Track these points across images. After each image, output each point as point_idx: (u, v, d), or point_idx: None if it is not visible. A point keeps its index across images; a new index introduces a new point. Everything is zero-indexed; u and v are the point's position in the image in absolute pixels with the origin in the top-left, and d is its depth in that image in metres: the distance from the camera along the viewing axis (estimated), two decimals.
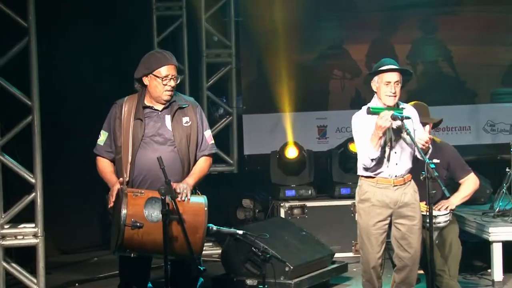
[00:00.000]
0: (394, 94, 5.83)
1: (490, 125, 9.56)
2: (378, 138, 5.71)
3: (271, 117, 9.20)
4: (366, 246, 5.94)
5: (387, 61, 5.97)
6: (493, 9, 9.04)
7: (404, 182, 5.91)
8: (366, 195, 5.93)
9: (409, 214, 5.89)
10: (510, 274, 7.56)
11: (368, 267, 5.95)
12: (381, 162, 5.84)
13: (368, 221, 5.91)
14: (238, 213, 9.29)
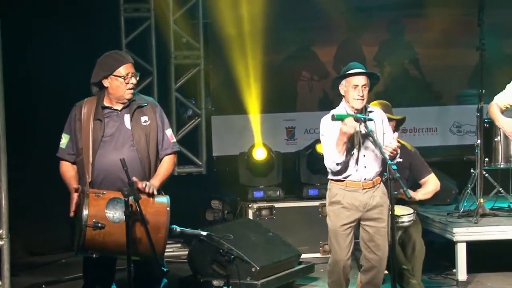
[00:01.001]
0: (362, 97, 5.89)
1: (456, 126, 9.66)
2: (343, 143, 5.77)
3: (239, 119, 9.22)
4: (334, 248, 6.00)
5: (354, 65, 6.03)
6: (459, 11, 9.11)
7: (373, 185, 5.97)
8: (336, 198, 5.99)
9: (377, 217, 5.96)
10: (474, 274, 7.65)
11: (337, 268, 6.01)
12: (350, 165, 5.91)
13: (336, 223, 5.98)
14: (207, 214, 9.31)
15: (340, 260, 5.95)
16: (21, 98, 8.17)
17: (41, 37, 8.60)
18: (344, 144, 5.76)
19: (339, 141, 5.76)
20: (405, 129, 9.65)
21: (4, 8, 6.73)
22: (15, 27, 7.46)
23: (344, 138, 5.74)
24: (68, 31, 8.88)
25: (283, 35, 9.47)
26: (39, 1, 8.55)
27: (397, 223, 6.76)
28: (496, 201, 8.08)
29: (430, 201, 8.26)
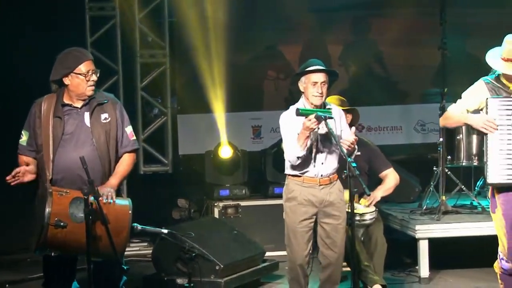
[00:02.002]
0: (321, 94, 5.94)
1: (420, 125, 9.75)
2: (305, 137, 5.81)
3: (205, 117, 9.23)
4: (292, 244, 6.04)
5: (314, 62, 6.08)
6: (422, 11, 9.20)
7: (330, 181, 6.02)
8: (292, 194, 6.03)
9: (334, 213, 6.00)
10: (436, 270, 7.76)
11: (295, 264, 6.04)
12: (307, 161, 5.95)
13: (294, 219, 6.01)
14: (174, 213, 9.32)
15: (298, 257, 5.99)
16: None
17: (5, 36, 8.56)
18: (306, 138, 5.79)
19: (301, 135, 5.80)
20: (370, 127, 9.77)
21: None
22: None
23: (306, 132, 5.78)
24: (33, 31, 8.85)
25: (249, 35, 9.51)
26: (4, 1, 8.51)
27: (359, 221, 6.84)
28: (459, 199, 8.20)
29: (393, 198, 8.38)
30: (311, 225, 6.04)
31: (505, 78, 5.70)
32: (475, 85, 5.79)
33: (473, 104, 5.74)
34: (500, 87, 5.68)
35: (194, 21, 9.05)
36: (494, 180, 5.63)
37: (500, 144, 5.58)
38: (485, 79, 5.76)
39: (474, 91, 5.76)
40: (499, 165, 5.58)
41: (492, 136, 5.59)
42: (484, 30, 9.54)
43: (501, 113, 5.57)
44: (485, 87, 5.71)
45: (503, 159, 5.57)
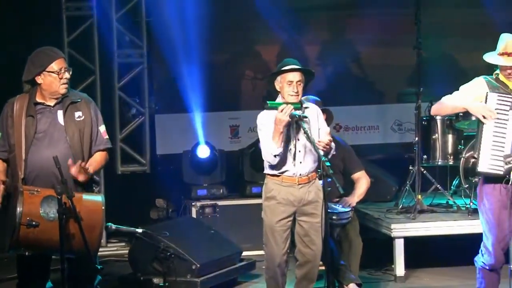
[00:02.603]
0: (297, 93, 5.97)
1: (397, 124, 9.80)
2: (279, 133, 5.82)
3: (183, 117, 9.23)
4: (270, 243, 6.07)
5: (289, 61, 6.11)
6: (399, 11, 9.24)
7: (309, 180, 6.05)
8: (271, 193, 6.05)
9: (312, 212, 6.03)
10: (412, 269, 7.81)
11: (273, 263, 6.07)
12: (286, 161, 5.98)
13: (272, 218, 6.04)
14: (152, 213, 9.33)
15: (276, 256, 6.01)
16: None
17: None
18: (280, 134, 5.81)
19: (275, 132, 5.82)
20: (348, 127, 9.82)
21: None
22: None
23: (280, 127, 5.79)
24: (10, 30, 8.83)
25: (226, 34, 9.52)
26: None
27: (335, 220, 6.89)
28: (435, 198, 8.25)
29: (370, 197, 8.44)
30: (289, 224, 6.07)
31: (504, 77, 5.81)
32: (474, 80, 5.93)
33: (469, 96, 5.88)
34: (500, 86, 5.82)
35: (171, 20, 9.05)
36: (483, 169, 5.76)
37: (494, 136, 5.74)
38: (484, 77, 5.90)
39: (473, 85, 5.92)
40: (490, 155, 5.73)
41: (488, 128, 5.76)
42: (459, 30, 9.62)
43: (499, 107, 5.74)
44: (484, 83, 5.86)
45: (494, 150, 5.73)
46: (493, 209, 5.72)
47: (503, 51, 5.78)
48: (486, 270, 5.80)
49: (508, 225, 5.69)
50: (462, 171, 8.07)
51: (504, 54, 5.76)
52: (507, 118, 5.73)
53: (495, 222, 5.71)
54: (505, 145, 5.70)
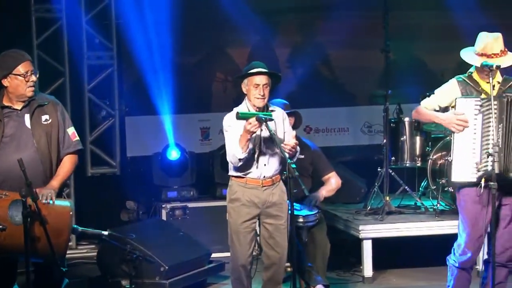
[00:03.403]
0: (263, 96, 6.02)
1: (367, 126, 9.86)
2: (246, 140, 5.88)
3: (153, 119, 9.22)
4: (235, 245, 6.10)
5: (256, 64, 6.15)
6: (368, 14, 9.29)
7: (273, 182, 6.09)
8: (235, 195, 6.09)
9: (276, 214, 6.07)
10: (380, 270, 7.86)
11: (237, 265, 6.10)
12: (250, 163, 6.02)
13: (237, 220, 6.08)
14: (122, 215, 9.32)
15: (240, 257, 6.06)
16: None
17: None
18: (247, 141, 5.87)
19: (242, 138, 5.87)
20: (318, 129, 9.86)
21: None
22: None
23: (247, 135, 5.86)
24: None
25: (197, 36, 9.51)
26: None
27: (303, 222, 6.93)
28: (403, 199, 8.32)
29: (340, 199, 8.50)
30: (254, 226, 6.12)
31: (479, 75, 5.79)
32: (448, 83, 5.93)
33: (444, 101, 5.89)
34: (471, 86, 5.80)
35: (141, 23, 9.04)
36: (458, 178, 5.76)
37: (465, 143, 5.73)
38: (458, 77, 5.89)
39: (446, 89, 5.90)
40: (463, 163, 5.73)
41: (458, 135, 5.74)
42: (427, 33, 9.70)
43: (468, 112, 5.71)
44: (457, 86, 5.84)
45: (467, 158, 5.71)
46: (469, 208, 5.76)
47: (482, 52, 5.72)
48: (457, 269, 5.85)
49: (482, 226, 5.74)
50: (429, 172, 8.12)
51: (483, 55, 5.70)
52: (475, 122, 5.69)
53: (470, 222, 5.75)
54: (475, 151, 5.68)
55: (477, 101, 5.70)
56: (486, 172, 5.63)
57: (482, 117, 5.67)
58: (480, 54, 5.74)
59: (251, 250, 6.10)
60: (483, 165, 5.64)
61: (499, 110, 5.64)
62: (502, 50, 5.73)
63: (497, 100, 5.65)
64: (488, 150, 5.61)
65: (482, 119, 5.67)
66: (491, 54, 5.70)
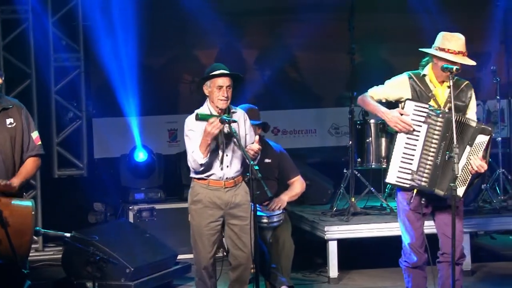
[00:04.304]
0: (226, 98, 6.04)
1: (334, 128, 9.92)
2: (207, 144, 5.90)
3: (121, 121, 9.20)
4: (198, 246, 6.12)
5: (218, 66, 6.18)
6: (335, 16, 9.34)
7: (235, 184, 6.12)
8: (198, 197, 6.11)
9: (241, 215, 6.10)
10: (346, 271, 7.91)
11: (200, 266, 6.13)
12: (212, 164, 6.04)
13: (200, 222, 6.09)
14: (90, 216, 9.31)
15: (203, 259, 6.08)
16: None
17: None
18: (208, 145, 5.89)
19: (203, 142, 5.90)
20: (285, 131, 9.90)
21: None
22: None
23: (208, 139, 5.87)
24: None
25: (164, 38, 9.53)
26: None
27: (267, 223, 6.96)
28: (368, 200, 8.38)
29: (307, 200, 8.56)
30: (218, 227, 6.13)
31: (434, 72, 5.76)
32: (399, 77, 5.88)
33: (392, 96, 5.87)
34: (422, 89, 5.78)
35: (108, 25, 9.02)
36: (390, 180, 5.81)
37: (405, 147, 5.74)
38: (409, 74, 5.83)
39: (397, 83, 5.86)
40: (398, 167, 5.74)
41: (401, 138, 5.75)
42: (393, 35, 9.76)
43: (414, 117, 5.72)
44: (407, 83, 5.80)
45: (403, 162, 5.73)
46: (407, 210, 5.83)
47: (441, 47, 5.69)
48: (411, 269, 5.92)
49: (421, 226, 5.82)
50: None
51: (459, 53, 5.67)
52: (420, 130, 5.70)
53: (409, 223, 5.83)
54: (413, 159, 5.70)
55: (425, 110, 5.68)
56: (419, 186, 5.69)
57: (427, 128, 5.69)
58: (439, 49, 5.71)
59: (214, 252, 6.12)
60: (417, 177, 5.68)
61: (444, 128, 5.67)
62: (462, 51, 5.72)
63: (444, 118, 5.66)
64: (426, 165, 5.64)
65: (427, 131, 5.69)
66: (450, 50, 5.67)
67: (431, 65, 5.81)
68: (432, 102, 5.77)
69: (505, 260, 8.36)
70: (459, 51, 5.70)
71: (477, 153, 5.70)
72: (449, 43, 5.70)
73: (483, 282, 7.64)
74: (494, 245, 8.94)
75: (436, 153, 5.67)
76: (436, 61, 5.76)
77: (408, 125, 5.70)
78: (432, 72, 5.81)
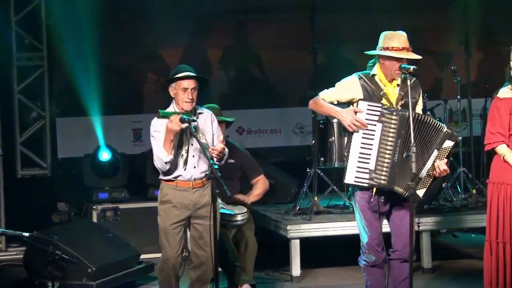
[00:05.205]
0: (191, 100, 6.08)
1: (299, 127, 9.97)
2: (169, 141, 5.93)
3: (85, 120, 9.17)
4: (165, 245, 6.17)
5: (183, 68, 6.21)
6: (298, 16, 9.38)
7: (203, 184, 6.15)
8: (166, 197, 6.16)
9: (206, 215, 6.12)
10: (308, 269, 7.96)
11: (167, 265, 6.17)
12: (179, 165, 6.08)
13: (167, 221, 6.14)
14: (53, 216, 9.28)
15: (170, 257, 6.12)
16: None
17: None
18: (171, 142, 5.91)
19: (166, 140, 5.92)
20: (250, 130, 9.94)
21: None
22: None
23: (170, 136, 5.90)
24: None
25: (129, 37, 9.51)
26: None
27: (231, 222, 6.99)
28: (331, 199, 8.43)
29: (271, 200, 8.60)
30: (183, 227, 6.18)
31: (383, 71, 5.81)
32: (349, 79, 5.90)
33: (344, 97, 5.88)
34: (373, 88, 5.82)
35: (71, 24, 8.99)
36: (349, 180, 5.85)
37: (361, 147, 5.77)
38: (358, 75, 5.86)
39: (347, 85, 5.88)
40: (356, 167, 5.79)
41: (356, 138, 5.78)
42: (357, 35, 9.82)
43: (368, 117, 5.75)
44: (358, 83, 5.83)
45: (360, 162, 5.77)
46: (364, 210, 5.87)
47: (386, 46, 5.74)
48: (369, 267, 5.97)
49: (378, 226, 5.86)
50: None
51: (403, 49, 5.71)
52: (374, 129, 5.74)
53: (367, 222, 5.88)
54: (370, 158, 5.74)
55: (378, 109, 5.72)
56: (378, 184, 5.73)
57: (382, 127, 5.73)
58: (383, 48, 5.77)
59: (181, 251, 6.17)
60: (376, 176, 5.73)
61: (399, 125, 5.70)
62: (406, 47, 5.76)
63: (399, 116, 5.71)
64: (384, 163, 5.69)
65: (382, 129, 5.73)
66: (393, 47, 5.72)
67: (379, 65, 5.87)
68: (384, 101, 5.82)
69: (465, 257, 8.46)
70: (403, 47, 5.76)
71: (442, 157, 5.77)
72: (392, 41, 5.78)
73: (443, 280, 7.73)
74: (456, 243, 9.05)
75: (392, 151, 5.72)
76: (383, 61, 5.82)
77: (363, 124, 5.74)
78: (381, 71, 5.86)
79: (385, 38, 5.82)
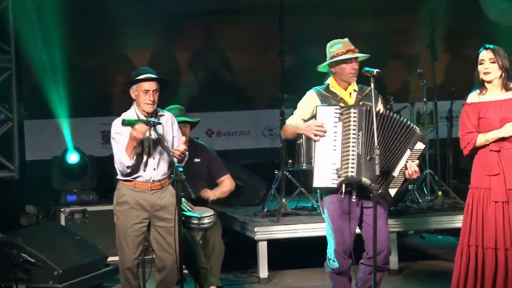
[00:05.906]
0: (153, 102, 6.09)
1: (268, 129, 10.01)
2: (132, 147, 5.95)
3: (53, 123, 9.14)
4: (123, 247, 6.16)
5: (144, 70, 6.23)
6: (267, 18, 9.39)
7: (162, 186, 6.17)
8: (123, 198, 6.16)
9: (167, 217, 6.14)
10: (276, 271, 8.00)
11: (124, 267, 6.18)
12: (139, 167, 6.08)
13: (125, 223, 6.14)
14: (21, 219, 9.23)
15: (127, 260, 6.13)
16: None
17: None
18: (133, 148, 5.94)
19: (129, 146, 5.94)
20: (220, 132, 9.96)
21: None
22: None
23: (133, 142, 5.93)
24: None
25: (97, 39, 9.50)
26: None
27: (198, 224, 7.00)
28: (299, 201, 8.47)
29: (239, 202, 8.63)
30: (143, 229, 6.18)
31: (337, 82, 5.95)
32: (306, 94, 6.06)
33: (306, 113, 6.00)
34: (329, 97, 5.95)
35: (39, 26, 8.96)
36: (319, 184, 5.88)
37: (326, 149, 5.82)
38: (315, 89, 6.03)
39: (306, 100, 6.04)
40: (324, 170, 5.82)
41: (319, 142, 5.83)
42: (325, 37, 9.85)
43: (329, 120, 5.82)
44: (315, 95, 5.99)
45: (327, 164, 5.81)
46: (333, 215, 5.90)
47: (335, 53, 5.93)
48: (335, 275, 6.01)
49: (347, 230, 5.89)
50: None
51: (348, 51, 5.89)
52: (336, 130, 5.80)
53: (335, 228, 5.90)
54: (336, 158, 5.78)
55: (337, 109, 5.82)
56: (346, 178, 5.77)
57: (342, 125, 5.81)
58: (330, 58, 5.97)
59: (138, 254, 6.17)
60: (343, 171, 5.78)
61: (359, 118, 5.78)
62: (350, 49, 5.93)
63: (357, 109, 5.80)
64: (348, 157, 5.75)
65: (342, 127, 5.80)
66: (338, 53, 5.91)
67: (332, 76, 6.03)
68: (342, 104, 5.90)
69: (432, 258, 8.53)
70: (347, 50, 5.94)
71: (414, 159, 5.83)
72: (335, 48, 5.99)
73: (408, 280, 7.79)
74: (423, 244, 9.12)
75: (355, 143, 5.77)
76: (334, 69, 6.00)
77: (323, 129, 5.80)
78: (334, 81, 6.01)
79: (329, 48, 6.05)
